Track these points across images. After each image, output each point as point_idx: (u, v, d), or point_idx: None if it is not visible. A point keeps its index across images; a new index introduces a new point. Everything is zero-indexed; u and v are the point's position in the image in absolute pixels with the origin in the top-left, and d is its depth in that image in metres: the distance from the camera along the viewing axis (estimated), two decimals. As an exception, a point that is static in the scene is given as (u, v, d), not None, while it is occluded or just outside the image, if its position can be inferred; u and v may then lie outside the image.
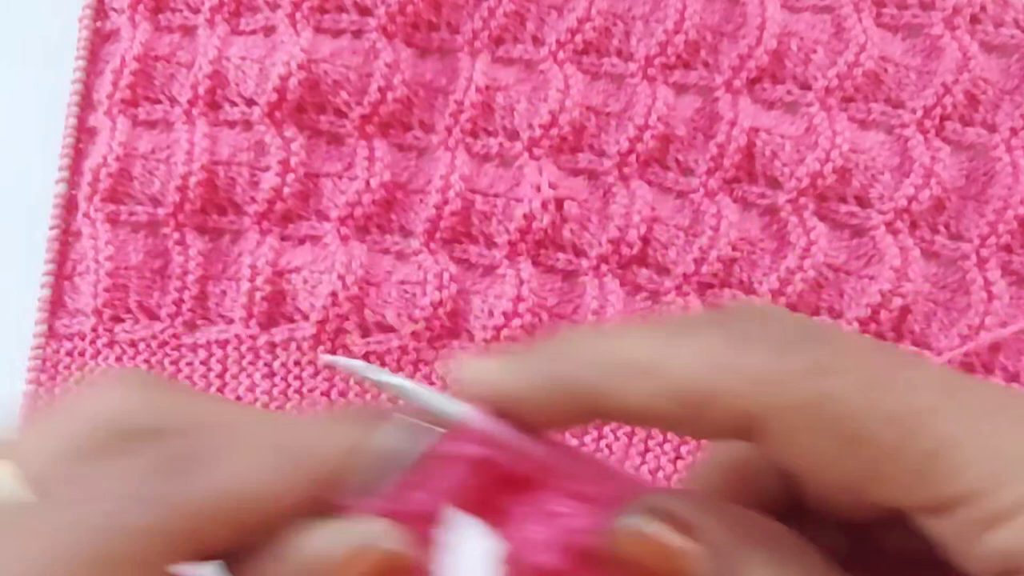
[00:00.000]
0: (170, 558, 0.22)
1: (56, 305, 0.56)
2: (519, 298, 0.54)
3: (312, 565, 0.23)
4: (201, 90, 0.56)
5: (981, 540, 0.22)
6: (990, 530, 0.22)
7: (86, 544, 0.21)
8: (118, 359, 0.56)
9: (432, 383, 0.55)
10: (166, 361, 0.56)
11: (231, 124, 0.57)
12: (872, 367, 0.23)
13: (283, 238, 0.56)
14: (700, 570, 0.24)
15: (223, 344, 0.55)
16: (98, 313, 0.55)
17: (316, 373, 0.55)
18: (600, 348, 0.25)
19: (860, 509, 0.26)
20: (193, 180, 0.55)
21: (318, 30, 0.56)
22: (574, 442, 0.54)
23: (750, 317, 0.25)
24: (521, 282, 0.54)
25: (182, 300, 0.55)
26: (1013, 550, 0.22)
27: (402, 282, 0.54)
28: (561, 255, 0.55)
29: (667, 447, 0.53)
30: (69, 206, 0.57)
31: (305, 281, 0.54)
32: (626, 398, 0.24)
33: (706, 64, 0.57)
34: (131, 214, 0.56)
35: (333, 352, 0.55)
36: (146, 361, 0.56)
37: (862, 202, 0.55)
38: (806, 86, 0.56)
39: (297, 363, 0.55)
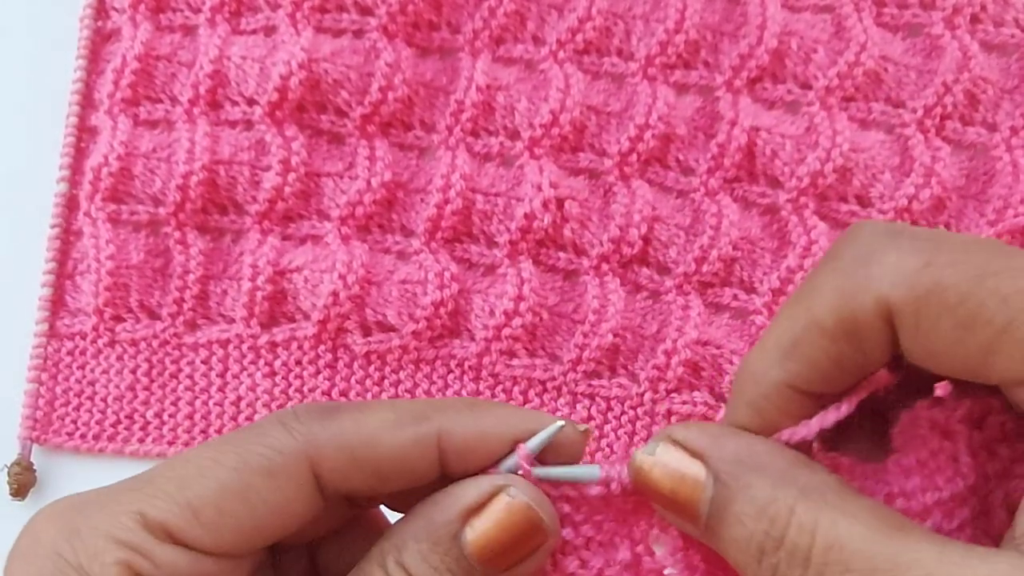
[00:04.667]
0: (316, 476, 0.30)
1: (57, 304, 0.57)
2: (520, 297, 0.54)
3: (464, 506, 0.29)
4: (202, 89, 0.56)
5: None
6: None
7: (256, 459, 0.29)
8: (119, 358, 0.56)
9: (433, 381, 0.55)
10: (167, 360, 0.56)
11: (232, 123, 0.57)
12: (979, 258, 0.25)
13: (284, 237, 0.56)
14: (703, 492, 0.27)
15: (224, 343, 0.56)
16: (99, 312, 0.55)
17: (317, 372, 0.55)
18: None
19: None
20: (194, 179, 0.55)
21: (319, 30, 0.56)
22: None
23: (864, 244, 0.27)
24: (522, 281, 0.54)
25: (183, 299, 0.55)
26: None
27: (403, 281, 0.54)
28: (562, 254, 0.55)
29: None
30: (70, 205, 0.57)
31: (306, 280, 0.54)
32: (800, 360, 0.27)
33: (707, 64, 0.57)
34: (132, 213, 0.56)
35: (334, 352, 0.55)
36: (147, 360, 0.56)
37: (863, 201, 0.55)
38: (806, 85, 0.56)
39: (298, 362, 0.55)
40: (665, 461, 0.28)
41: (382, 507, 0.34)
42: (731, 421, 0.29)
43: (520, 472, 0.30)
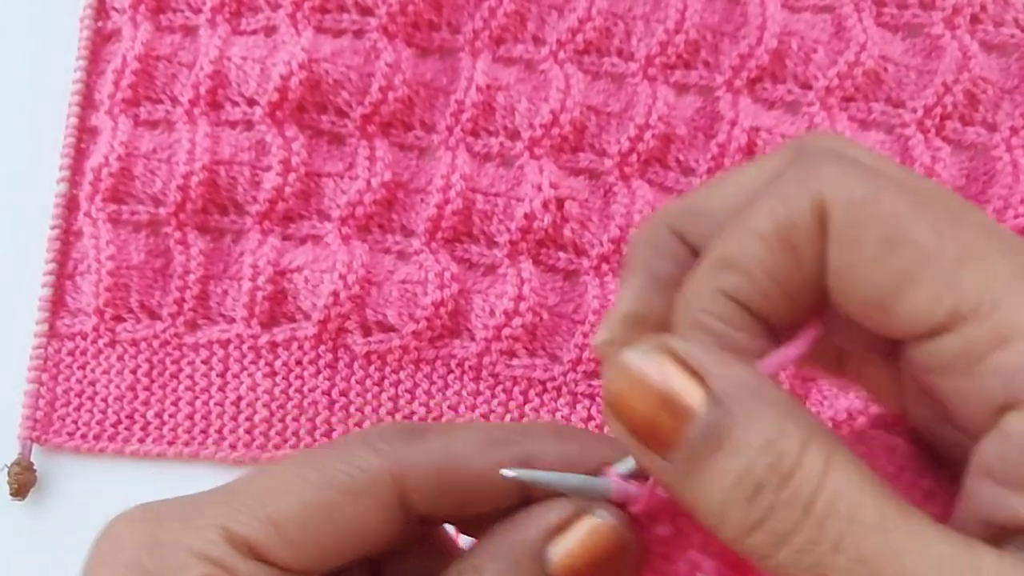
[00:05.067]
0: (401, 497, 0.29)
1: (57, 304, 0.57)
2: (520, 297, 0.54)
3: (547, 526, 0.28)
4: (202, 90, 0.56)
5: (987, 360, 0.23)
6: (999, 349, 0.22)
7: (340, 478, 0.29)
8: (119, 358, 0.56)
9: (433, 381, 0.55)
10: (167, 361, 0.56)
11: (232, 124, 0.57)
12: (923, 185, 0.25)
13: (284, 238, 0.56)
14: (693, 418, 0.23)
15: (224, 344, 0.56)
16: (99, 312, 0.55)
17: (317, 372, 0.55)
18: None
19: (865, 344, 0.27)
20: (195, 180, 0.55)
21: (319, 30, 0.56)
22: None
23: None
24: (522, 281, 0.54)
25: (183, 300, 0.55)
26: (1017, 371, 0.22)
27: (403, 281, 0.54)
28: (562, 254, 0.55)
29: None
30: (70, 205, 0.57)
31: (306, 280, 0.54)
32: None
33: (707, 64, 0.57)
34: (133, 213, 0.56)
35: (334, 352, 0.55)
36: (147, 361, 0.56)
37: (862, 201, 0.55)
38: (806, 85, 0.56)
39: (298, 362, 0.55)
40: (658, 372, 0.24)
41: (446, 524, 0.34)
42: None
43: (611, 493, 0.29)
